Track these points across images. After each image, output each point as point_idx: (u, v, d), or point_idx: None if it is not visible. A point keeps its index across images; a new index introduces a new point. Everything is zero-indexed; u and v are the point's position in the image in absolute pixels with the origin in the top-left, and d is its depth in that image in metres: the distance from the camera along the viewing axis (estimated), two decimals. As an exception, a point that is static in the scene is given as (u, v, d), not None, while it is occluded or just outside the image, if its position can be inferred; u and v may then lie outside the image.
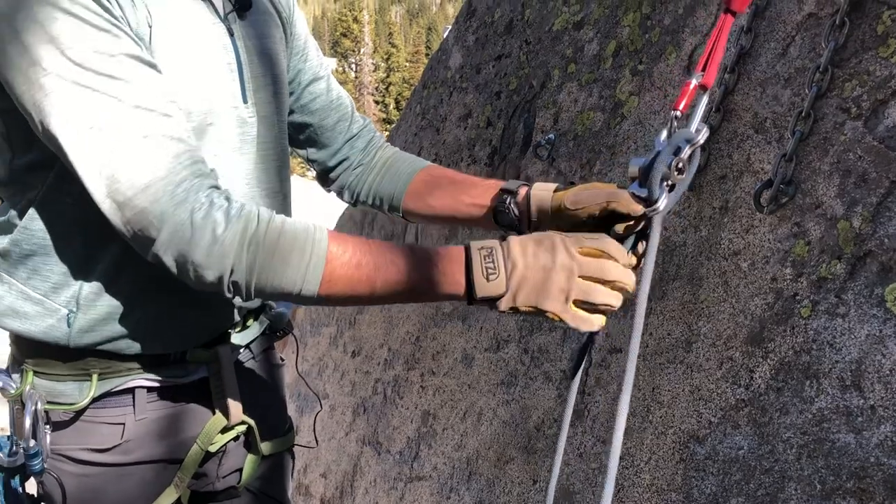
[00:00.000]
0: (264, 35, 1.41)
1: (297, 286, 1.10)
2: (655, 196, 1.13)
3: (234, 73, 1.31)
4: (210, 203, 1.09)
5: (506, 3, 2.72)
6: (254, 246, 1.08)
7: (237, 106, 1.32)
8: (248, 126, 1.34)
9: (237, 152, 1.33)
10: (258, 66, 1.38)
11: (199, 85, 1.25)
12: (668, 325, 1.74)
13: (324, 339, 3.68)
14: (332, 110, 1.61)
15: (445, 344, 2.62)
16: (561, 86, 2.32)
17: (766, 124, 1.61)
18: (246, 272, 1.09)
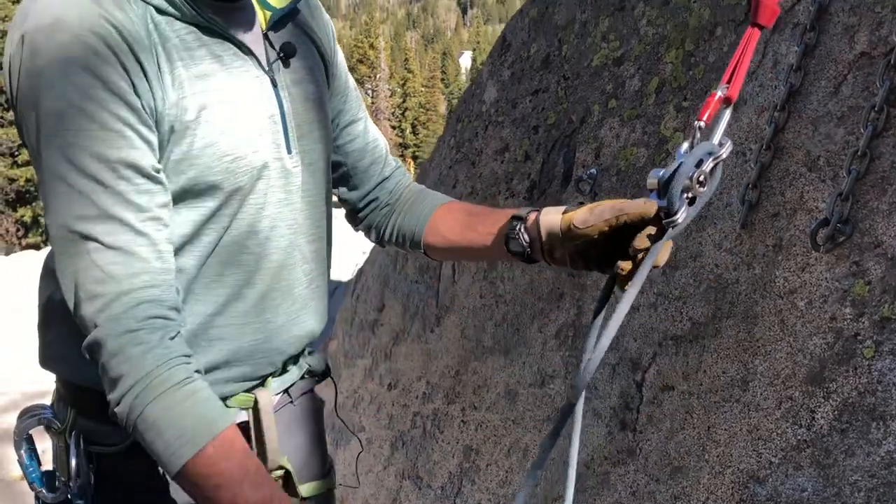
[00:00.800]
0: (309, 80, 1.41)
1: (161, 459, 1.12)
2: (675, 208, 1.10)
3: (277, 124, 1.31)
4: (142, 332, 1.11)
5: (542, 39, 2.75)
6: (144, 393, 1.10)
7: (282, 157, 1.32)
8: (292, 176, 1.34)
9: (282, 204, 1.33)
10: (303, 113, 1.38)
11: (241, 143, 1.24)
12: (723, 363, 1.74)
13: (358, 371, 3.69)
14: (368, 153, 1.61)
15: (487, 378, 2.62)
16: (602, 121, 2.34)
17: (819, 162, 1.61)
18: (127, 413, 1.12)
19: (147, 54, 1.13)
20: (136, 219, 1.12)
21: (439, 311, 3.03)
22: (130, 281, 1.11)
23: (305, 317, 1.43)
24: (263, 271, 1.33)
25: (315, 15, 1.49)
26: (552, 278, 2.38)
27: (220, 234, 1.26)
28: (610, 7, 2.40)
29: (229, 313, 1.31)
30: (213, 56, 1.22)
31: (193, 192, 1.22)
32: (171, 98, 1.16)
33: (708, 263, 1.83)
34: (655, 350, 1.94)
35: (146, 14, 1.16)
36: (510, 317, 2.56)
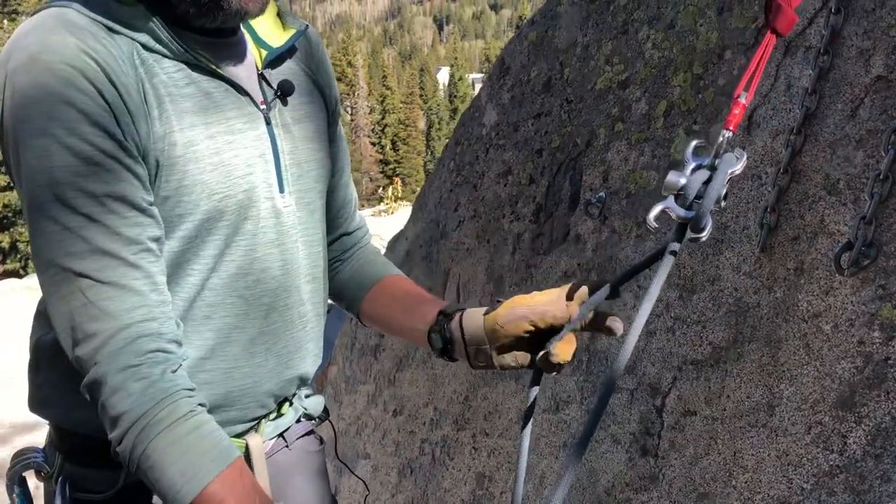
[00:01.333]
0: (309, 118, 1.40)
1: (166, 496, 1.11)
2: (704, 223, 1.07)
3: (269, 163, 1.29)
4: (142, 366, 1.10)
5: (542, 62, 2.76)
6: (147, 430, 1.09)
7: (273, 197, 1.30)
8: (284, 216, 1.32)
9: (274, 245, 1.31)
10: (302, 152, 1.36)
11: (229, 182, 1.23)
12: (747, 387, 1.73)
13: (361, 398, 3.65)
14: (338, 205, 1.58)
15: (498, 404, 2.60)
16: (608, 144, 2.34)
17: (839, 185, 1.62)
18: (130, 450, 1.10)
19: (131, 88, 1.12)
20: (129, 252, 1.10)
21: (444, 335, 3.01)
22: (128, 316, 1.10)
23: (298, 360, 1.41)
24: (253, 314, 1.31)
25: (315, 53, 1.46)
26: (563, 302, 2.37)
27: (206, 274, 1.24)
28: (613, 30, 2.41)
29: (218, 357, 1.29)
30: (202, 93, 1.20)
31: (178, 231, 1.20)
32: (157, 132, 1.14)
33: (727, 287, 1.83)
34: (675, 374, 1.93)
35: (132, 50, 1.15)
36: (520, 341, 2.54)
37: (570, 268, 2.38)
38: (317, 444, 1.62)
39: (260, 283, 1.30)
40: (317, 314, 1.45)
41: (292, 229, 1.34)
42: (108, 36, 1.14)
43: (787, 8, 1.24)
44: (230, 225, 1.24)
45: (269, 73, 1.34)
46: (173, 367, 1.14)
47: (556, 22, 2.69)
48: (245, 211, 1.25)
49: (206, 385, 1.29)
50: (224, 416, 1.34)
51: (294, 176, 1.34)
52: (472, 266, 2.89)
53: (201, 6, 1.17)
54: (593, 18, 2.51)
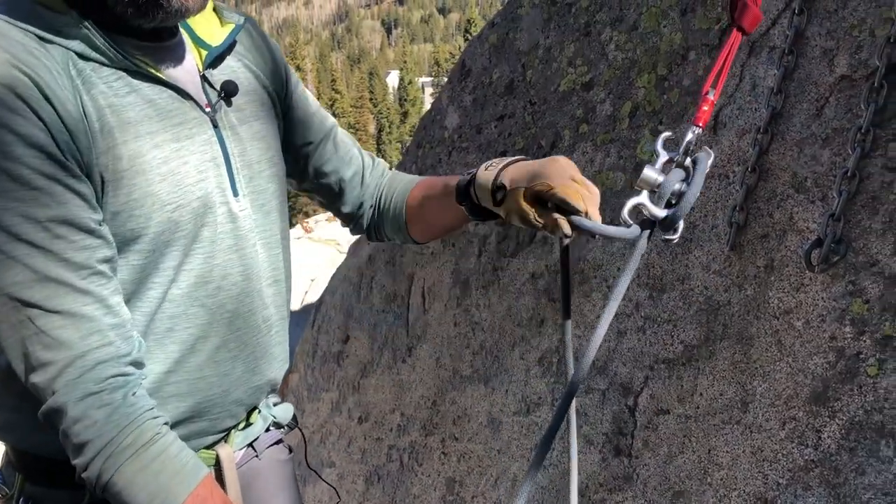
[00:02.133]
0: (255, 117, 1.35)
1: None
2: (679, 224, 1.11)
3: (220, 167, 1.25)
4: (103, 393, 1.09)
5: (504, 64, 2.75)
6: (113, 458, 1.08)
7: (227, 202, 1.26)
8: (241, 220, 1.29)
9: (232, 250, 1.28)
10: (253, 152, 1.32)
11: (182, 191, 1.19)
12: (720, 385, 1.75)
13: (324, 405, 3.60)
14: (346, 165, 1.56)
15: (467, 408, 2.58)
16: (573, 146, 2.34)
17: (806, 184, 1.64)
18: (97, 477, 1.09)
19: (67, 102, 1.07)
20: (78, 277, 1.07)
21: (410, 340, 2.99)
22: (83, 343, 1.07)
23: (265, 365, 1.38)
24: (217, 323, 1.27)
25: (257, 46, 1.41)
26: (531, 304, 2.37)
27: (166, 287, 1.21)
28: (575, 32, 2.41)
29: (183, 369, 1.26)
30: (145, 101, 1.16)
31: (134, 245, 1.16)
32: (99, 147, 1.09)
33: (697, 286, 1.84)
34: (647, 374, 1.94)
35: (67, 60, 1.09)
36: (489, 344, 2.53)
37: (537, 269, 2.38)
38: (286, 453, 1.59)
39: (221, 290, 1.27)
40: (281, 317, 1.42)
41: (250, 233, 1.30)
42: (41, 46, 1.08)
43: (752, 5, 1.25)
44: (187, 234, 1.20)
45: (210, 73, 1.29)
46: (133, 390, 1.12)
47: (518, 24, 2.69)
48: (201, 218, 1.22)
49: (173, 398, 1.26)
50: (193, 427, 1.31)
51: (246, 178, 1.30)
52: (438, 270, 2.87)
53: (139, 6, 1.12)
54: (555, 20, 2.51)
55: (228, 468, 1.38)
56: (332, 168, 1.54)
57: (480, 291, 2.61)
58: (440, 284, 2.86)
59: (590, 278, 2.16)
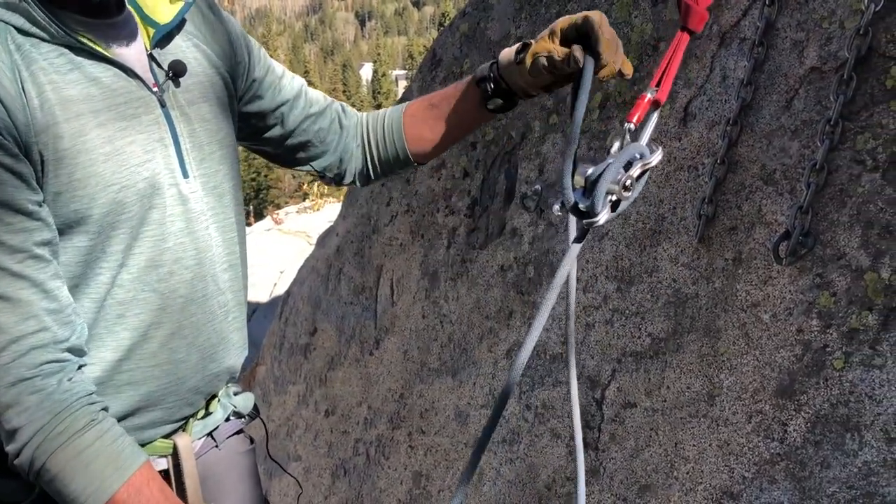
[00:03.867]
0: (205, 98, 1.31)
1: None
2: (598, 210, 1.09)
3: (168, 147, 1.22)
4: (36, 379, 1.07)
5: (475, 54, 2.72)
6: (46, 444, 1.07)
7: (177, 183, 1.23)
8: (191, 202, 1.25)
9: (184, 234, 1.24)
10: (202, 133, 1.29)
11: (126, 171, 1.15)
12: (687, 378, 1.74)
13: (291, 398, 3.56)
14: (321, 116, 1.54)
15: (434, 401, 2.56)
16: (543, 137, 2.32)
17: (775, 176, 1.63)
18: (29, 464, 1.08)
19: (3, 78, 1.03)
20: (13, 261, 1.04)
21: (378, 333, 2.96)
22: (17, 328, 1.05)
23: (223, 352, 1.35)
24: (170, 308, 1.24)
25: (209, 22, 1.36)
26: (500, 297, 2.34)
27: (114, 272, 1.17)
28: (546, 22, 2.39)
29: (136, 356, 1.22)
30: (88, 79, 1.12)
31: (78, 228, 1.12)
32: (39, 124, 1.06)
33: (665, 278, 1.83)
34: (614, 367, 1.92)
35: (6, 35, 1.06)
36: (457, 337, 2.51)
37: (506, 261, 2.35)
38: (247, 444, 1.56)
39: (174, 274, 1.23)
40: (238, 303, 1.38)
41: (202, 216, 1.27)
42: None
43: (695, 6, 1.27)
44: (134, 216, 1.17)
45: (158, 52, 1.24)
46: (69, 376, 1.10)
47: (489, 13, 2.66)
48: (149, 200, 1.18)
49: (126, 386, 1.23)
50: (149, 416, 1.28)
51: (196, 160, 1.26)
52: (406, 261, 2.84)
53: None
54: (526, 10, 2.48)
55: (186, 458, 1.35)
56: (308, 122, 1.52)
57: (449, 283, 2.59)
58: (409, 276, 2.83)
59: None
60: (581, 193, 1.11)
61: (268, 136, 1.48)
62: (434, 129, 1.51)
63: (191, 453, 1.36)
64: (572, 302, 1.24)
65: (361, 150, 1.57)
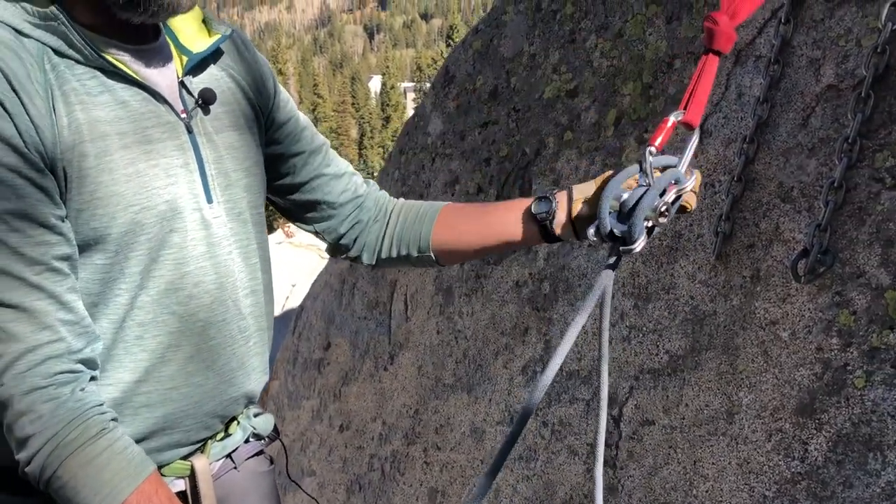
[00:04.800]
0: (234, 126, 1.34)
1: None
2: (636, 237, 1.11)
3: (193, 172, 1.24)
4: (50, 388, 1.08)
5: (488, 71, 2.73)
6: (58, 451, 1.08)
7: (200, 208, 1.24)
8: (214, 227, 1.27)
9: (205, 258, 1.26)
10: (228, 160, 1.31)
11: (148, 193, 1.17)
12: (705, 395, 1.73)
13: (305, 413, 3.56)
14: (335, 180, 1.54)
15: (450, 417, 2.56)
16: (558, 153, 2.33)
17: (792, 193, 1.63)
18: (39, 472, 1.09)
19: (35, 96, 1.06)
20: (31, 272, 1.06)
21: (392, 348, 2.96)
22: (33, 337, 1.06)
23: (242, 377, 1.35)
24: (189, 332, 1.25)
25: (244, 57, 1.40)
26: (515, 313, 2.35)
27: (133, 293, 1.19)
28: (560, 39, 2.40)
29: (154, 379, 1.23)
30: (117, 101, 1.15)
31: (97, 246, 1.14)
32: (66, 142, 1.09)
33: (682, 295, 1.83)
34: (632, 384, 1.92)
35: (42, 54, 1.09)
36: (472, 353, 2.51)
37: (521, 277, 2.36)
38: (266, 465, 1.56)
39: (193, 298, 1.24)
40: (259, 328, 1.39)
41: (224, 240, 1.28)
42: (16, 38, 1.08)
43: (722, 28, 1.26)
44: (153, 238, 1.18)
45: (189, 80, 1.27)
46: (82, 386, 1.11)
47: (502, 31, 2.67)
48: (169, 223, 1.20)
49: (143, 409, 1.23)
50: (166, 439, 1.28)
51: (221, 186, 1.28)
52: (420, 277, 2.85)
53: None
54: (539, 27, 2.50)
55: (203, 479, 1.35)
56: (321, 181, 1.52)
57: (464, 299, 2.59)
58: (423, 292, 2.83)
59: (574, 286, 2.15)
60: (615, 218, 1.11)
61: (278, 184, 1.48)
62: (467, 222, 1.50)
63: (208, 475, 1.36)
64: (606, 327, 1.21)
65: (380, 226, 1.56)
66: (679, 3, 1.99)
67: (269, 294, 1.43)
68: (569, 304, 2.15)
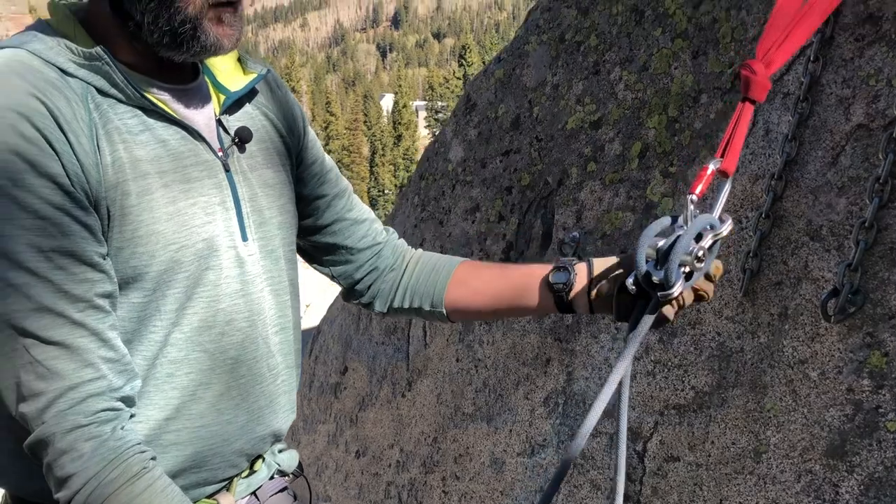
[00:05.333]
0: (268, 164, 1.35)
1: None
2: (672, 282, 1.11)
3: (229, 210, 1.25)
4: (92, 426, 1.08)
5: (510, 99, 2.75)
6: (99, 491, 1.07)
7: (235, 245, 1.26)
8: (248, 265, 1.27)
9: (238, 295, 1.26)
10: (263, 198, 1.32)
11: (187, 231, 1.19)
12: (732, 433, 1.72)
13: (320, 437, 3.56)
14: (355, 225, 1.54)
15: (469, 446, 2.55)
16: (581, 184, 2.33)
17: (822, 232, 1.63)
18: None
19: (81, 135, 1.08)
20: (74, 309, 1.07)
21: (411, 374, 2.95)
22: (75, 375, 1.06)
23: (270, 415, 1.35)
24: (220, 369, 1.25)
25: (277, 97, 1.42)
26: (537, 343, 2.34)
27: (167, 330, 1.19)
28: (584, 71, 2.41)
29: (184, 416, 1.23)
30: (157, 140, 1.17)
31: (135, 284, 1.15)
32: (109, 180, 1.10)
33: (709, 331, 1.82)
34: (657, 419, 1.91)
35: (86, 94, 1.11)
36: (492, 382, 2.50)
37: (543, 308, 2.35)
38: (290, 501, 1.56)
39: (225, 335, 1.25)
40: (288, 366, 1.39)
41: (257, 278, 1.29)
42: (62, 78, 1.09)
43: (757, 77, 1.27)
44: (190, 276, 1.19)
45: (226, 118, 1.30)
46: (122, 424, 1.11)
47: (525, 60, 2.69)
48: (206, 261, 1.21)
49: (172, 446, 1.23)
50: (193, 478, 1.28)
51: (256, 223, 1.30)
52: (439, 304, 2.84)
53: (177, 36, 1.13)
54: (563, 58, 2.51)
55: None
56: (342, 225, 1.52)
57: (484, 328, 2.58)
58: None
59: (598, 319, 2.14)
60: (653, 265, 1.12)
61: (300, 225, 1.48)
62: (483, 282, 1.49)
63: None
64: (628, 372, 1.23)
65: (395, 275, 1.55)
66: (705, 38, 2.00)
67: (297, 331, 1.43)
68: (592, 336, 2.14)
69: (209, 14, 1.14)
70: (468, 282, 1.50)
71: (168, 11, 1.12)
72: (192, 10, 1.13)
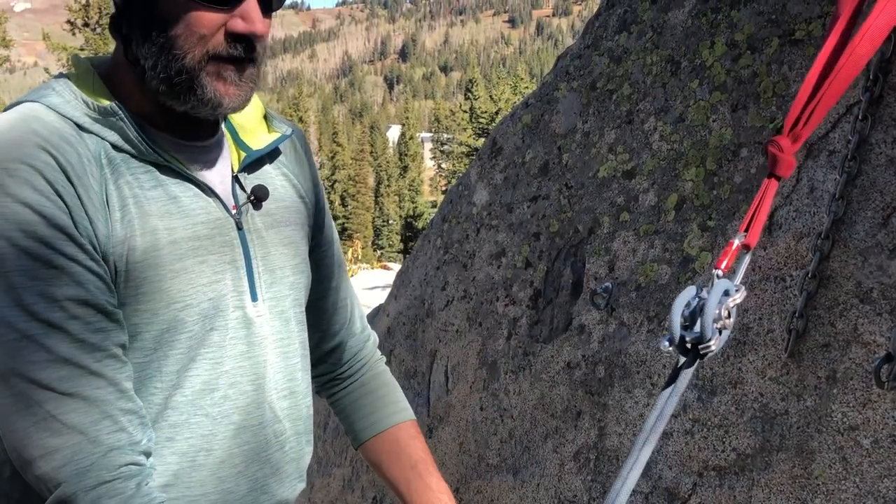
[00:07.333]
0: (284, 223, 1.33)
1: None
2: (709, 335, 1.16)
3: (240, 269, 1.22)
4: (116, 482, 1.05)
5: (538, 145, 2.73)
6: None
7: (243, 306, 1.23)
8: (256, 326, 1.25)
9: (244, 357, 1.23)
10: (277, 257, 1.29)
11: (192, 290, 1.16)
12: (777, 499, 1.67)
13: (335, 481, 3.49)
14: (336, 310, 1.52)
15: (493, 499, 2.49)
16: (613, 234, 2.30)
17: (872, 294, 1.59)
18: None
19: (91, 190, 1.07)
20: (92, 359, 1.04)
21: (431, 420, 2.90)
22: (94, 428, 1.03)
23: (275, 484, 1.30)
24: (221, 435, 1.21)
25: (300, 159, 1.40)
26: (567, 395, 2.29)
27: (168, 392, 1.16)
28: (616, 119, 2.40)
29: (183, 484, 1.19)
30: (168, 197, 1.15)
31: (135, 343, 1.12)
32: (117, 235, 1.09)
33: (751, 391, 1.77)
34: (695, 480, 1.86)
35: (100, 150, 1.11)
36: (518, 433, 2.45)
37: (573, 359, 2.31)
38: None
39: (228, 399, 1.21)
40: (297, 433, 1.34)
41: (265, 340, 1.26)
42: (77, 133, 1.09)
43: (784, 155, 1.33)
44: (193, 336, 1.16)
45: (244, 176, 1.27)
46: (146, 480, 1.08)
47: (554, 106, 2.68)
48: (211, 321, 1.18)
49: None
50: None
51: (267, 283, 1.27)
52: (463, 349, 2.80)
53: (174, 86, 1.12)
54: (594, 106, 2.50)
55: None
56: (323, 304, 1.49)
57: (510, 376, 2.54)
58: (465, 364, 2.79)
59: (632, 373, 2.10)
60: (685, 330, 1.18)
61: None
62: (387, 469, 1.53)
63: None
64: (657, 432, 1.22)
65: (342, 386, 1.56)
66: (745, 92, 1.98)
67: (308, 397, 1.39)
68: (626, 390, 2.10)
69: (208, 68, 1.12)
70: (382, 454, 1.51)
71: (166, 58, 1.10)
72: (190, 62, 1.11)
